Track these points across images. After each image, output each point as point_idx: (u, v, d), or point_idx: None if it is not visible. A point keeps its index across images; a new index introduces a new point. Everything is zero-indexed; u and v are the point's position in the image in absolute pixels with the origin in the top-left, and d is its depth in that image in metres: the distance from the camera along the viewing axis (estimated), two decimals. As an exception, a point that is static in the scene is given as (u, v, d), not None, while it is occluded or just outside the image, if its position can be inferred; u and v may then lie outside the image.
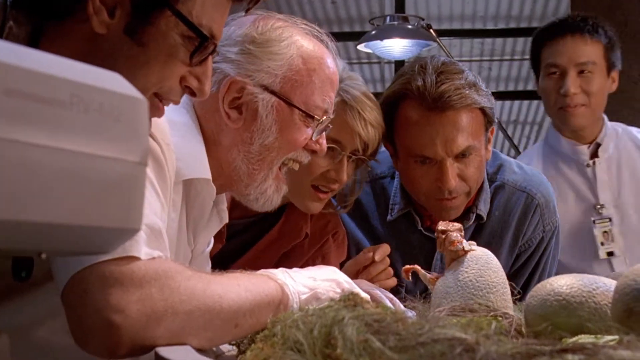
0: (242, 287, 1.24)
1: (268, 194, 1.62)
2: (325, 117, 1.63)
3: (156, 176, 1.31)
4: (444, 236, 1.57)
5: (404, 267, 1.67)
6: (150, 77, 1.21)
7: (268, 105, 1.56)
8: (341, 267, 2.21)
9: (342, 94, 1.96)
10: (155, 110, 1.27)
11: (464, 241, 1.57)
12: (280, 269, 1.38)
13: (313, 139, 1.63)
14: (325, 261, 2.15)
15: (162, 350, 1.01)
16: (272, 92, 1.57)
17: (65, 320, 1.13)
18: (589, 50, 2.68)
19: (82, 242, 0.69)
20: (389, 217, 2.30)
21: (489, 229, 2.31)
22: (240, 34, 1.59)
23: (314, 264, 2.07)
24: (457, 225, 1.60)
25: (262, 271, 1.36)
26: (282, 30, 1.61)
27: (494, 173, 2.34)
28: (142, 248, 1.14)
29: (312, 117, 1.60)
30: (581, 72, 2.67)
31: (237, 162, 1.57)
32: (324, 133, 1.66)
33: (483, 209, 2.27)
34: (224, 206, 1.65)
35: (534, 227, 2.33)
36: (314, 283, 1.38)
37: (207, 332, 1.16)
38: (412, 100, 2.09)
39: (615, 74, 2.78)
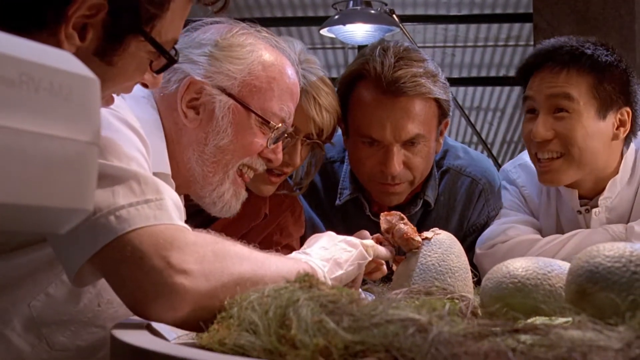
0: (276, 258, 1.28)
1: (226, 198, 1.64)
2: (281, 125, 1.64)
3: (147, 158, 1.33)
4: (390, 235, 1.58)
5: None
6: (113, 89, 1.23)
7: (225, 107, 1.59)
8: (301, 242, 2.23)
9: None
10: (110, 100, 1.28)
11: (417, 233, 1.58)
12: (295, 252, 1.44)
13: (269, 146, 1.64)
14: (285, 235, 2.17)
15: (118, 333, 1.00)
16: (230, 95, 1.60)
17: None
18: (565, 82, 2.04)
19: (32, 222, 0.68)
20: (337, 202, 2.31)
21: (435, 214, 2.32)
22: (204, 37, 1.62)
23: (271, 240, 2.09)
24: (397, 214, 1.61)
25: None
26: (245, 37, 1.64)
27: (440, 159, 2.36)
28: (176, 219, 1.18)
29: (268, 123, 1.62)
30: (556, 110, 2.05)
31: (191, 163, 1.60)
32: (280, 142, 1.68)
33: (431, 195, 2.29)
34: (181, 204, 1.67)
35: (479, 212, 2.34)
36: (328, 252, 1.43)
37: None
38: (367, 82, 2.11)
39: (624, 116, 2.08)
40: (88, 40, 1.13)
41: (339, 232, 1.54)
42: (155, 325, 1.14)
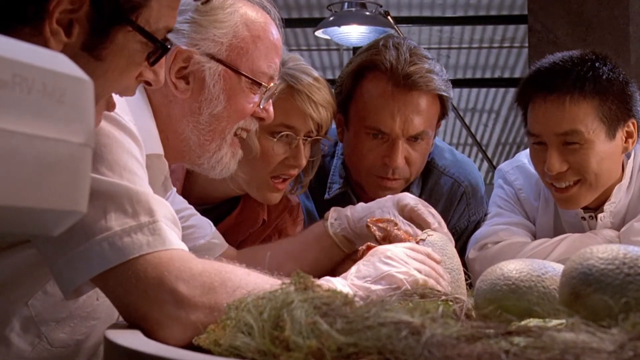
0: None
1: (224, 161, 1.62)
2: (272, 84, 1.64)
3: (141, 161, 1.31)
4: (387, 243, 1.57)
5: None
6: (107, 87, 1.19)
7: (215, 74, 1.56)
8: None
9: (287, 78, 1.95)
10: (110, 106, 1.25)
11: (417, 232, 1.57)
12: (337, 278, 1.40)
13: (260, 106, 1.63)
14: (283, 237, 2.15)
15: (111, 334, 1.00)
16: (219, 61, 1.57)
17: None
18: (571, 116, 2.01)
19: (24, 224, 0.68)
20: (326, 196, 2.30)
21: None
22: (184, 3, 1.58)
23: (270, 241, 2.07)
24: (389, 220, 1.61)
25: (323, 278, 1.38)
26: None
27: None
28: (172, 241, 1.18)
29: (259, 84, 1.61)
30: (566, 143, 2.03)
31: (186, 134, 1.56)
32: (270, 100, 1.67)
33: (415, 192, 2.28)
34: (168, 174, 1.64)
35: (460, 215, 2.33)
36: (364, 287, 1.37)
37: None
38: (380, 73, 2.11)
39: (631, 127, 2.08)
40: (75, 36, 1.10)
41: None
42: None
